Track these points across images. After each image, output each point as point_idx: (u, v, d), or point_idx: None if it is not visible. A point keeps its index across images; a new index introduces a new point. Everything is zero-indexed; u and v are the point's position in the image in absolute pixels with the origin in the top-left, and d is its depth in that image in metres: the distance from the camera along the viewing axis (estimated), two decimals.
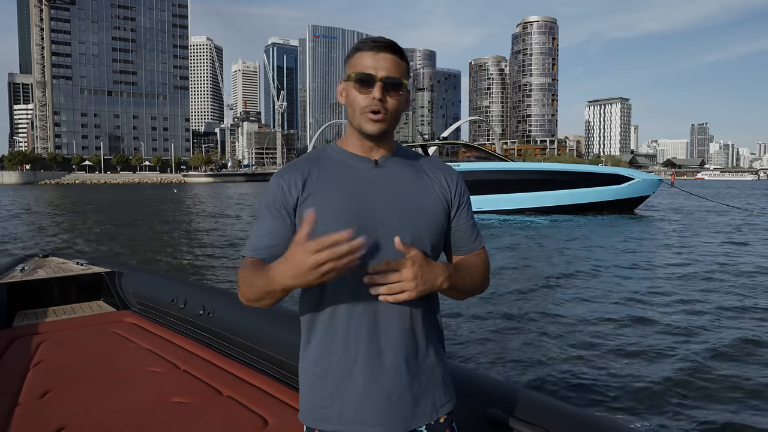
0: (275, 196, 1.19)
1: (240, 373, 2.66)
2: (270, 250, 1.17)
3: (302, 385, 1.23)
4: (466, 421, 1.64)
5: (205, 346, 3.04)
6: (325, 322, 1.18)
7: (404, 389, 1.18)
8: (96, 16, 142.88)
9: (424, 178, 1.25)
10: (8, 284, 3.80)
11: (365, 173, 1.21)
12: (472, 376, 1.93)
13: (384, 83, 1.15)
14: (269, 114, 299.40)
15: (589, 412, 1.84)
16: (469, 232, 1.29)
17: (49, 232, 18.85)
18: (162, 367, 2.76)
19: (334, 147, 1.26)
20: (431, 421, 1.22)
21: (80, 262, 4.42)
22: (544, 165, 28.99)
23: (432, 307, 1.25)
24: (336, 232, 1.02)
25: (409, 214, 1.19)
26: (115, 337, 3.27)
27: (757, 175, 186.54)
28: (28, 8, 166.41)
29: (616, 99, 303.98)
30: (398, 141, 1.28)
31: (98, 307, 4.08)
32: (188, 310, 3.33)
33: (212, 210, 30.37)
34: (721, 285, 9.18)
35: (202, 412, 2.23)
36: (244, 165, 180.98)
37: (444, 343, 1.29)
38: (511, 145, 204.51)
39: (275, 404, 2.31)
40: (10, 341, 3.15)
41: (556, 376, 4.96)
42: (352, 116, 1.19)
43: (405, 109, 1.24)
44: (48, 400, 2.36)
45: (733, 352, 5.66)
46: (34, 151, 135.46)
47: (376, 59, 1.16)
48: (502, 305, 7.70)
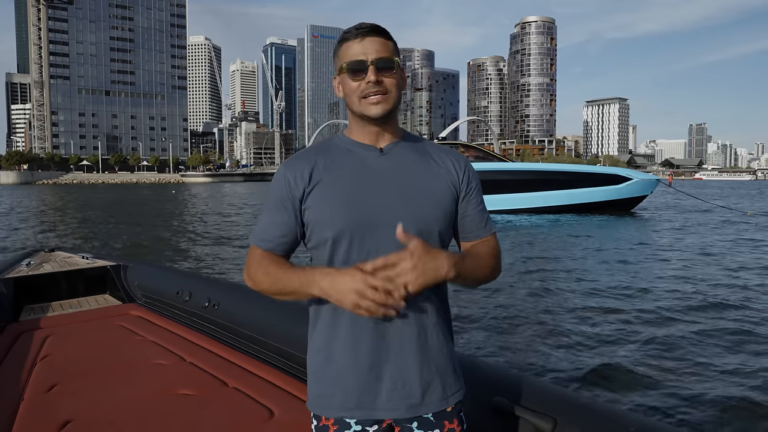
0: (281, 188, 1.20)
1: (246, 365, 2.66)
2: (279, 240, 1.20)
3: (309, 373, 1.24)
4: (471, 410, 1.64)
5: (211, 338, 3.07)
6: (331, 308, 1.17)
7: (411, 376, 1.17)
8: (94, 15, 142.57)
9: (431, 164, 1.24)
10: (15, 279, 3.82)
11: (371, 161, 1.20)
12: (478, 364, 1.93)
13: (376, 65, 1.15)
14: (267, 114, 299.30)
15: (595, 400, 1.84)
16: (479, 217, 1.27)
17: (46, 228, 18.85)
18: (168, 360, 2.76)
19: (341, 136, 1.26)
20: (439, 409, 1.20)
21: (86, 256, 4.45)
22: (542, 165, 29.06)
23: (440, 292, 1.23)
24: (342, 221, 1.11)
25: (416, 200, 1.18)
26: (121, 330, 3.29)
27: (755, 175, 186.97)
28: (25, 8, 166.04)
29: (615, 99, 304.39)
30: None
31: (104, 300, 4.10)
32: (193, 303, 3.36)
33: (212, 208, 30.38)
34: (719, 281, 9.24)
35: (209, 404, 2.24)
36: (242, 165, 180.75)
37: (452, 331, 1.28)
38: (510, 145, 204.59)
39: (281, 395, 2.31)
40: (17, 335, 3.17)
41: (560, 365, 5.03)
42: (353, 105, 1.19)
43: (403, 87, 1.23)
44: (55, 393, 2.37)
45: (734, 344, 5.73)
46: (31, 151, 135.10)
47: (363, 45, 1.15)
48: (506, 298, 7.77)
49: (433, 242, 1.17)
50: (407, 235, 1.04)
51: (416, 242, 1.04)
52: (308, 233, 1.21)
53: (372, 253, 1.14)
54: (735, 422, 4.02)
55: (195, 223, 21.68)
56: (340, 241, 1.15)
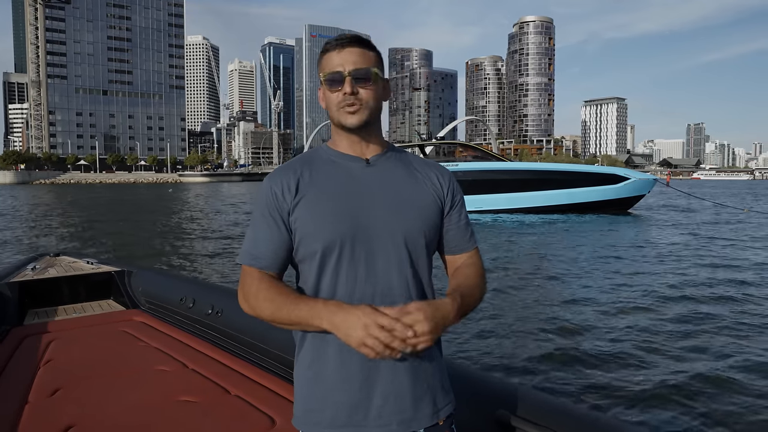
0: (268, 201, 1.18)
1: (248, 373, 2.66)
2: (272, 257, 1.17)
3: (296, 389, 1.22)
4: (474, 422, 1.65)
5: (214, 345, 3.08)
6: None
7: (402, 391, 1.16)
8: (91, 15, 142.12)
9: (416, 176, 1.25)
10: (20, 283, 3.83)
11: (357, 173, 1.20)
12: (480, 377, 1.92)
13: (353, 77, 1.15)
14: (266, 114, 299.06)
15: (596, 412, 1.83)
16: (462, 231, 1.28)
17: (43, 231, 18.81)
18: (170, 366, 2.77)
19: (325, 148, 1.26)
20: (431, 424, 1.20)
21: (90, 262, 4.46)
22: (540, 165, 29.13)
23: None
24: (330, 233, 1.12)
25: (402, 212, 1.18)
26: (125, 335, 3.31)
27: (752, 175, 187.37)
28: (23, 7, 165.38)
29: (613, 99, 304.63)
30: (393, 141, 1.57)
31: (108, 306, 4.12)
32: (197, 310, 3.37)
33: (213, 208, 30.35)
34: (719, 282, 9.28)
35: (210, 411, 2.24)
36: (240, 165, 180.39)
37: (441, 346, 1.28)
38: (508, 145, 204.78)
39: (283, 404, 2.30)
40: (22, 339, 3.19)
41: (562, 377, 5.00)
42: (332, 116, 1.20)
43: (385, 98, 1.23)
44: (58, 398, 2.38)
45: (737, 354, 5.71)
46: (28, 151, 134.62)
47: (341, 56, 1.15)
48: (503, 305, 7.75)
49: (419, 254, 1.19)
50: (403, 308, 1.05)
51: (416, 304, 1.05)
52: (296, 246, 1.19)
53: (361, 264, 1.14)
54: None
55: (193, 225, 21.65)
56: (330, 253, 1.14)
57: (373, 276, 1.14)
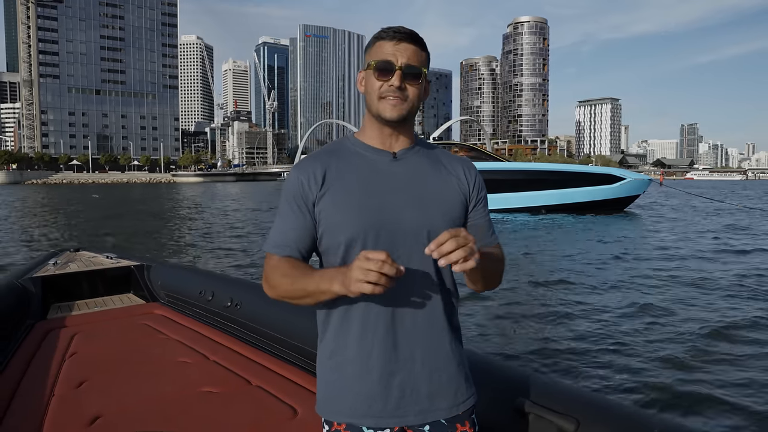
0: (295, 190, 1.19)
1: (268, 364, 2.69)
2: (295, 246, 1.18)
3: (319, 377, 1.24)
4: (493, 411, 1.66)
5: (233, 337, 3.13)
6: (341, 314, 1.18)
7: (421, 383, 1.17)
8: (84, 14, 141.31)
9: (442, 171, 1.25)
10: (42, 277, 3.87)
11: (384, 166, 1.20)
12: (499, 366, 1.94)
13: (403, 72, 1.15)
14: (260, 113, 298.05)
15: (617, 400, 1.83)
16: (486, 227, 1.28)
17: (37, 232, 18.75)
18: (191, 358, 2.80)
19: (352, 139, 1.25)
20: (450, 416, 1.21)
21: (110, 256, 4.51)
22: (535, 165, 29.30)
23: (450, 298, 1.24)
24: (354, 226, 1.11)
25: (427, 208, 1.18)
26: (146, 328, 3.35)
27: (745, 175, 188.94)
28: (14, 6, 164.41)
29: (607, 99, 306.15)
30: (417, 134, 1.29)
31: (128, 299, 4.17)
32: (216, 302, 3.41)
33: (213, 207, 30.32)
34: (720, 277, 9.40)
35: (233, 402, 2.27)
36: (234, 165, 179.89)
37: (461, 338, 1.28)
38: (502, 145, 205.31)
39: (304, 394, 2.32)
40: (46, 333, 3.24)
41: (580, 366, 5.05)
42: (371, 103, 1.19)
43: (424, 98, 1.23)
44: (84, 389, 2.43)
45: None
46: (20, 151, 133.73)
47: (396, 48, 1.16)
48: (515, 300, 7.85)
49: None
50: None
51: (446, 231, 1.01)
52: (320, 236, 1.20)
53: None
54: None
55: (210, 222, 21.64)
56: (353, 245, 1.15)
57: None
